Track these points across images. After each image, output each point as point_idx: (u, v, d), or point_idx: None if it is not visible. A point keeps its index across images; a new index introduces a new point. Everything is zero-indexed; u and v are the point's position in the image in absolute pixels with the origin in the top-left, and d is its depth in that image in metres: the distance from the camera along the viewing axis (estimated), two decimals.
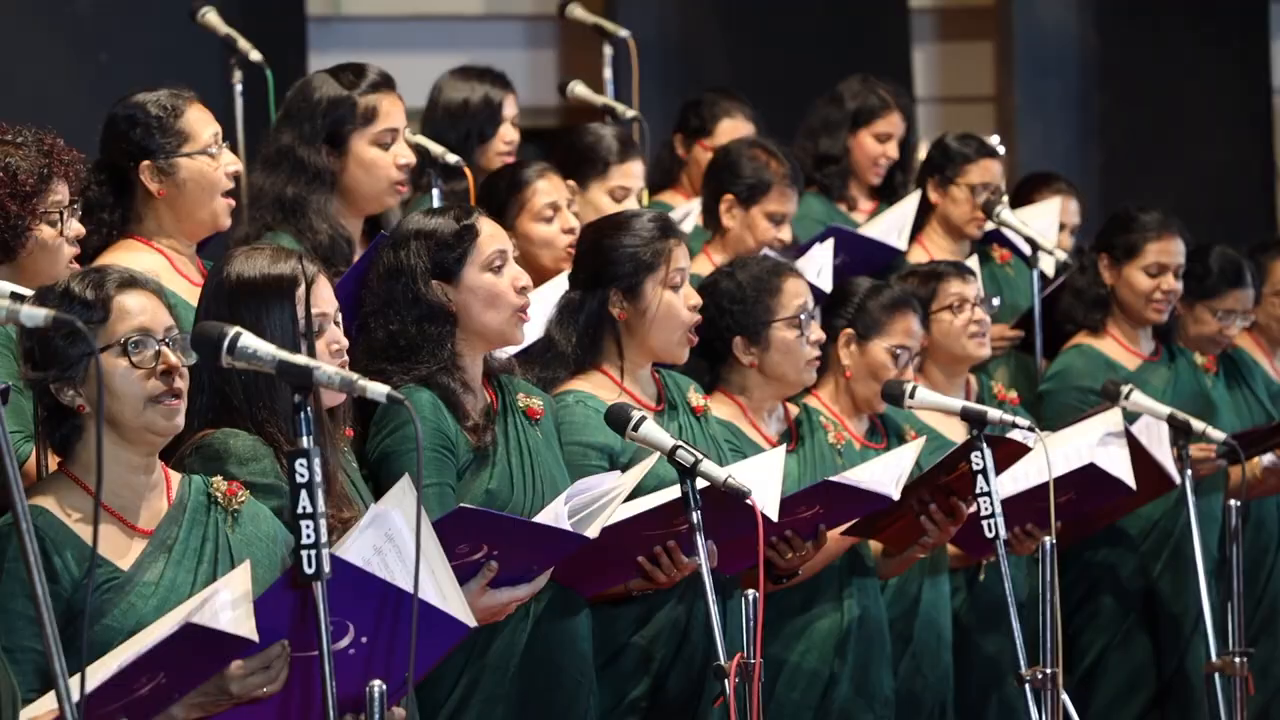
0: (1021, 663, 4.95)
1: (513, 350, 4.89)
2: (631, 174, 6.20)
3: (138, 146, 4.96)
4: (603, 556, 4.60)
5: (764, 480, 4.67)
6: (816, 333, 5.40)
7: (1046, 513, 5.14)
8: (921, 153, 7.49)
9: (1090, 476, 5.62)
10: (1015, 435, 5.32)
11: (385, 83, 5.51)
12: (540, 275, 5.61)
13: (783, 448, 4.99)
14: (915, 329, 5.68)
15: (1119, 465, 5.68)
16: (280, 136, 5.46)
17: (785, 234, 6.42)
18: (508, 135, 6.56)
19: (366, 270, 4.78)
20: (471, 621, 3.91)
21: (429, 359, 4.64)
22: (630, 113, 7.15)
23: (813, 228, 7.14)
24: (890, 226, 6.77)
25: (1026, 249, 6.71)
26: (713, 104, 7.55)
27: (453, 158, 6.00)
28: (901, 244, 6.68)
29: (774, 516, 4.64)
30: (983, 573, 5.87)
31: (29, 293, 4.14)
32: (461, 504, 4.33)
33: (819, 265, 6.07)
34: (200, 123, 5.00)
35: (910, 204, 6.88)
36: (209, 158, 4.98)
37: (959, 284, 5.99)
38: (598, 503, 4.43)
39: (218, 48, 6.91)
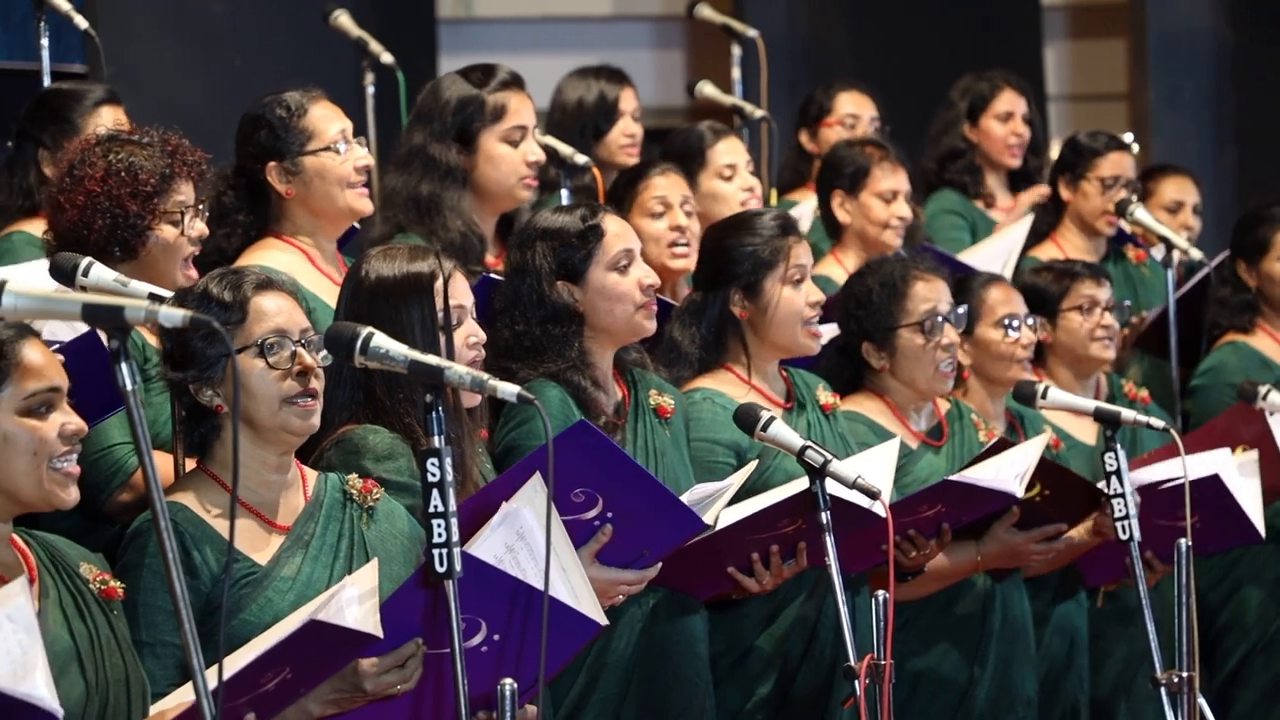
0: (1157, 666, 4.89)
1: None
2: (729, 151, 6.20)
3: (264, 148, 5.02)
4: (708, 557, 4.59)
5: (877, 471, 4.64)
6: (950, 337, 5.35)
7: (1164, 532, 5.10)
8: (1054, 152, 7.44)
9: (1215, 491, 5.51)
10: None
11: (514, 81, 5.56)
12: None
13: (896, 440, 4.97)
14: (1010, 295, 5.64)
15: (1246, 495, 5.55)
16: (412, 137, 5.52)
17: (902, 209, 6.40)
18: (628, 129, 6.58)
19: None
20: (603, 620, 3.92)
21: (557, 358, 4.66)
22: (758, 112, 7.15)
23: (949, 219, 7.11)
24: (995, 254, 6.71)
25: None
26: (826, 87, 7.55)
27: (581, 157, 6.03)
28: (1007, 272, 6.57)
29: (886, 497, 4.59)
30: (1101, 600, 5.79)
31: (167, 294, 4.20)
32: (585, 420, 4.33)
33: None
34: (324, 120, 5.05)
35: (1019, 231, 6.82)
36: (334, 154, 5.02)
37: (1092, 286, 5.93)
38: (709, 496, 4.43)
39: (350, 51, 6.97)
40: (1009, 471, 4.95)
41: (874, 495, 4.39)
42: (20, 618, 3.15)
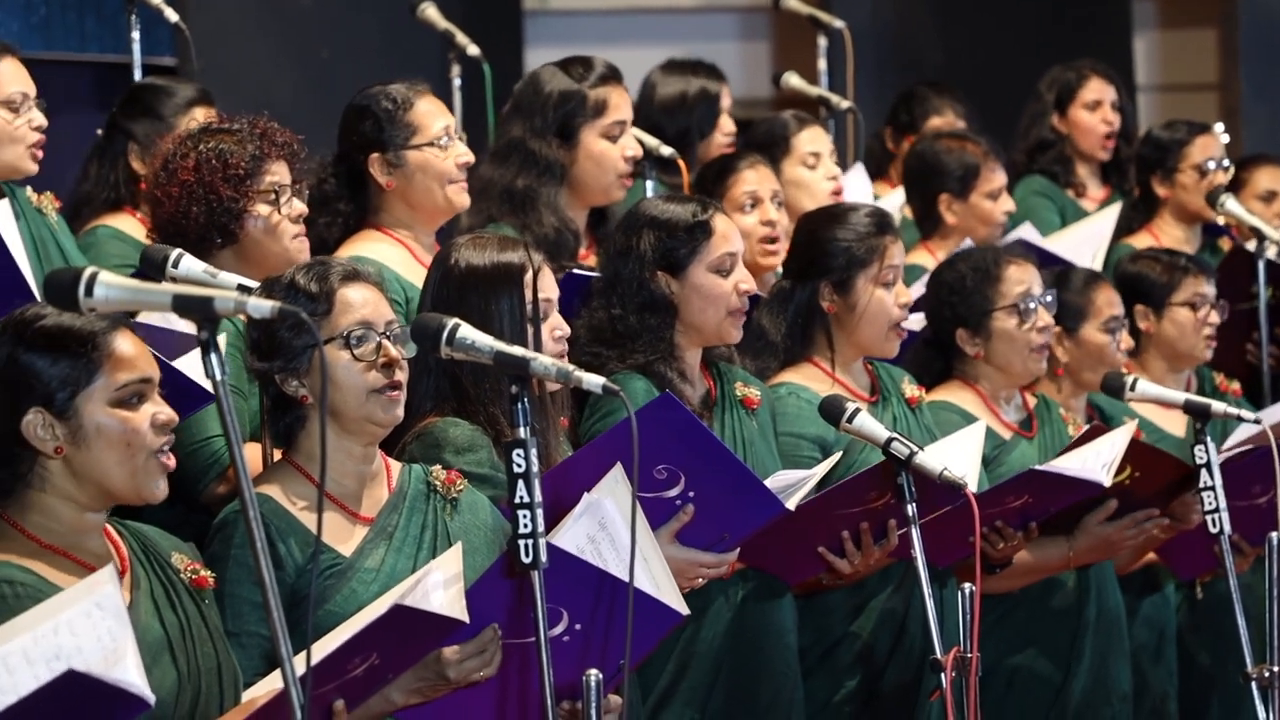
0: (1248, 660, 4.85)
1: None
2: (812, 139, 6.19)
3: (368, 139, 5.05)
4: (798, 538, 4.58)
5: (962, 456, 4.61)
6: (1044, 319, 5.32)
7: (1244, 513, 5.04)
8: None
9: None
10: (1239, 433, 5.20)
11: (613, 75, 5.56)
12: None
13: (982, 423, 4.94)
14: (1114, 297, 5.60)
15: None
16: (510, 129, 5.52)
17: (1008, 204, 6.40)
18: (726, 126, 6.58)
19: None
20: (684, 610, 3.92)
21: (646, 348, 4.66)
22: (844, 104, 7.13)
23: (1038, 202, 7.07)
24: (1081, 242, 6.66)
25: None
26: (923, 99, 7.51)
27: (667, 150, 6.03)
28: (1096, 264, 6.51)
29: (973, 485, 4.56)
30: (1200, 590, 5.73)
31: (254, 284, 4.23)
32: (669, 393, 4.32)
33: None
34: (430, 115, 5.08)
35: (1107, 221, 6.76)
36: (437, 149, 5.05)
37: (1202, 282, 5.87)
38: (793, 485, 4.42)
39: (437, 43, 7.00)
40: (1096, 461, 4.91)
41: (959, 488, 4.37)
42: (109, 605, 3.18)
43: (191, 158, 4.54)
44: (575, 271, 5.00)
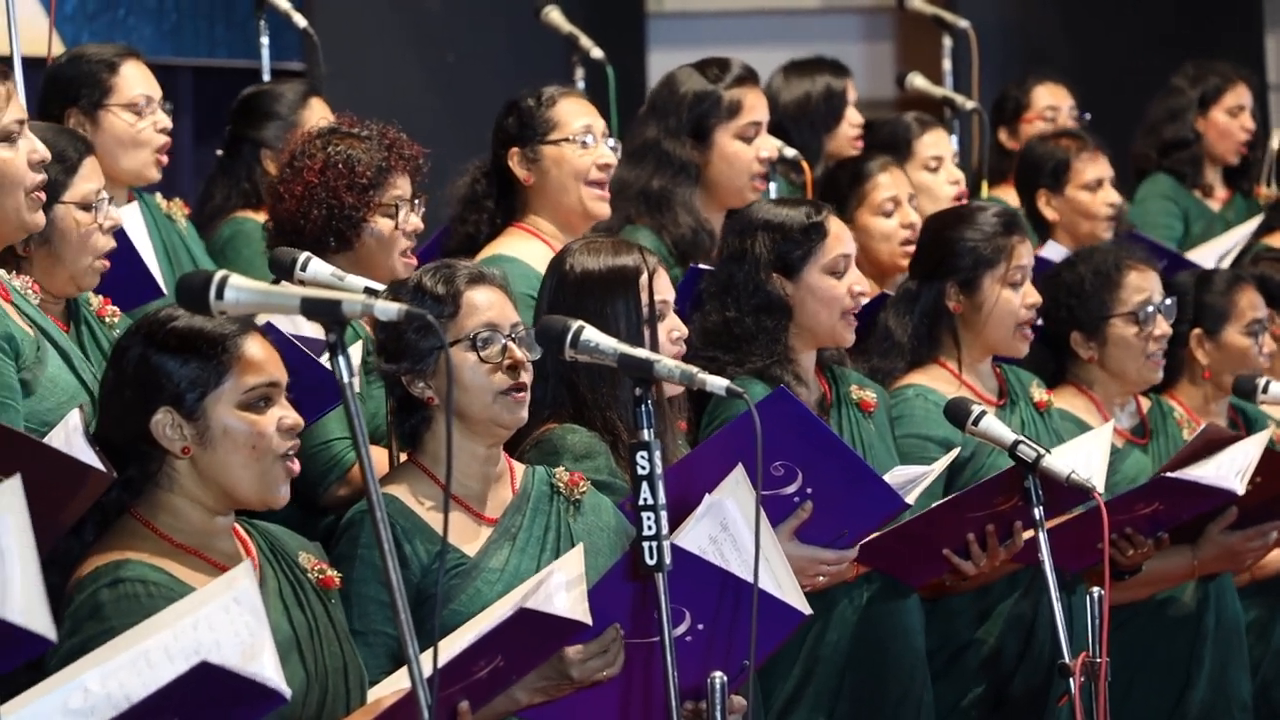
0: None
1: None
2: (935, 143, 6.18)
3: (510, 134, 5.11)
4: (922, 540, 4.55)
5: (1090, 460, 4.57)
6: (1162, 328, 5.26)
7: None
8: (1275, 142, 7.28)
9: None
10: None
11: (749, 77, 5.57)
12: (877, 269, 5.61)
13: (1111, 424, 4.89)
14: (1258, 299, 5.52)
15: None
16: (645, 131, 5.55)
17: (1110, 196, 6.32)
18: (854, 119, 6.56)
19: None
20: (807, 609, 3.91)
21: (762, 351, 4.66)
22: (970, 104, 7.09)
23: (1161, 205, 7.00)
24: (1215, 249, 6.58)
25: None
26: (1020, 82, 7.46)
27: (790, 151, 6.02)
28: (1225, 264, 6.43)
29: (1100, 488, 4.52)
30: None
31: (381, 287, 4.27)
32: (784, 387, 4.31)
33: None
34: (572, 113, 5.12)
35: (1247, 229, 6.67)
36: (575, 146, 5.08)
37: None
38: (912, 481, 4.39)
39: (561, 46, 7.03)
40: (1230, 469, 4.84)
41: (1087, 492, 4.33)
42: (246, 600, 3.22)
43: (319, 159, 4.57)
44: (700, 265, 5.01)
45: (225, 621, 3.20)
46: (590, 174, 5.09)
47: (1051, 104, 7.30)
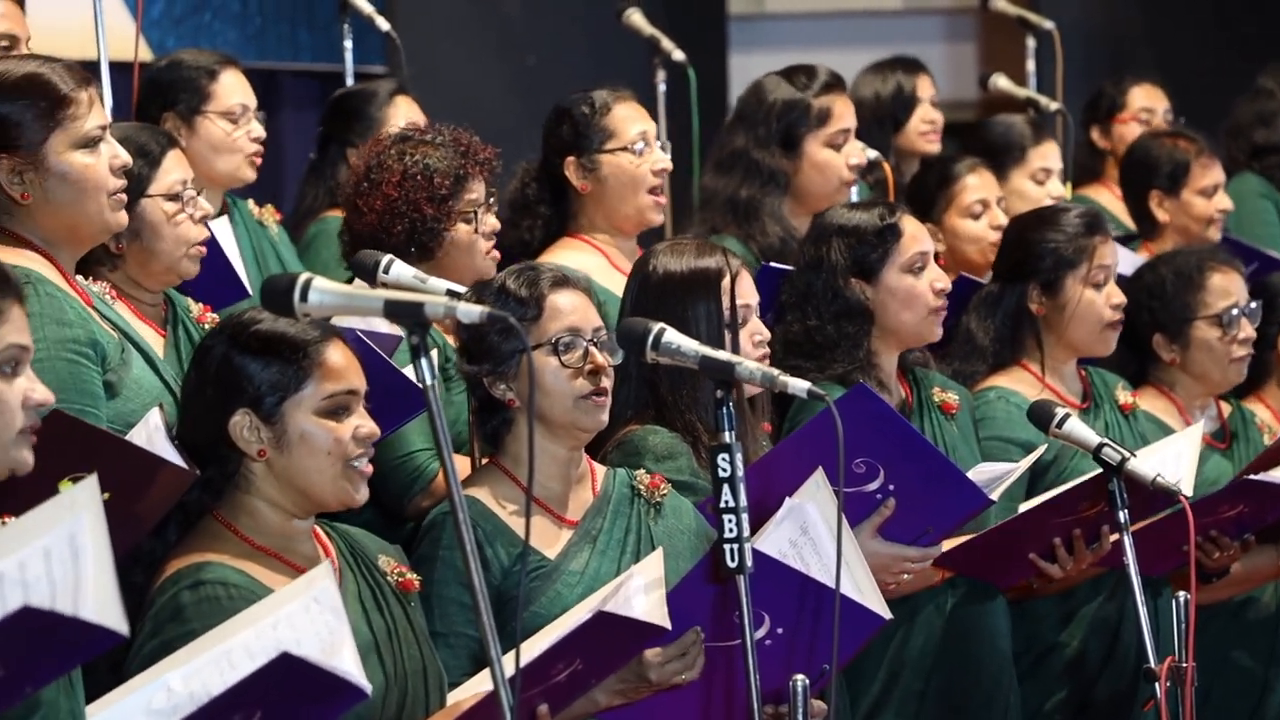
0: None
1: None
2: (1048, 155, 6.16)
3: (565, 143, 5.10)
4: (1008, 543, 4.53)
5: (1177, 462, 4.53)
6: (1246, 331, 5.21)
7: None
8: None
9: None
10: None
11: (837, 84, 5.56)
12: (967, 270, 5.58)
13: (1198, 426, 4.85)
14: None
15: None
16: (733, 139, 5.54)
17: (1223, 202, 6.29)
18: (927, 115, 6.53)
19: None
20: (887, 614, 3.89)
21: (844, 357, 4.64)
22: (1054, 105, 7.05)
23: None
24: None
25: None
26: (1116, 82, 7.40)
27: (871, 153, 6.01)
28: None
29: (1188, 492, 4.48)
30: None
31: (462, 289, 4.28)
32: (863, 383, 4.29)
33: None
34: (627, 120, 5.10)
35: None
36: (632, 155, 5.07)
37: None
38: (997, 479, 4.37)
39: (642, 48, 7.03)
40: None
41: (1174, 495, 4.30)
42: (327, 599, 3.23)
43: (396, 171, 4.55)
44: (775, 265, 5.00)
45: (306, 620, 3.21)
46: (648, 181, 5.08)
47: (1147, 105, 7.24)
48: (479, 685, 3.61)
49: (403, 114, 5.49)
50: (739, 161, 5.48)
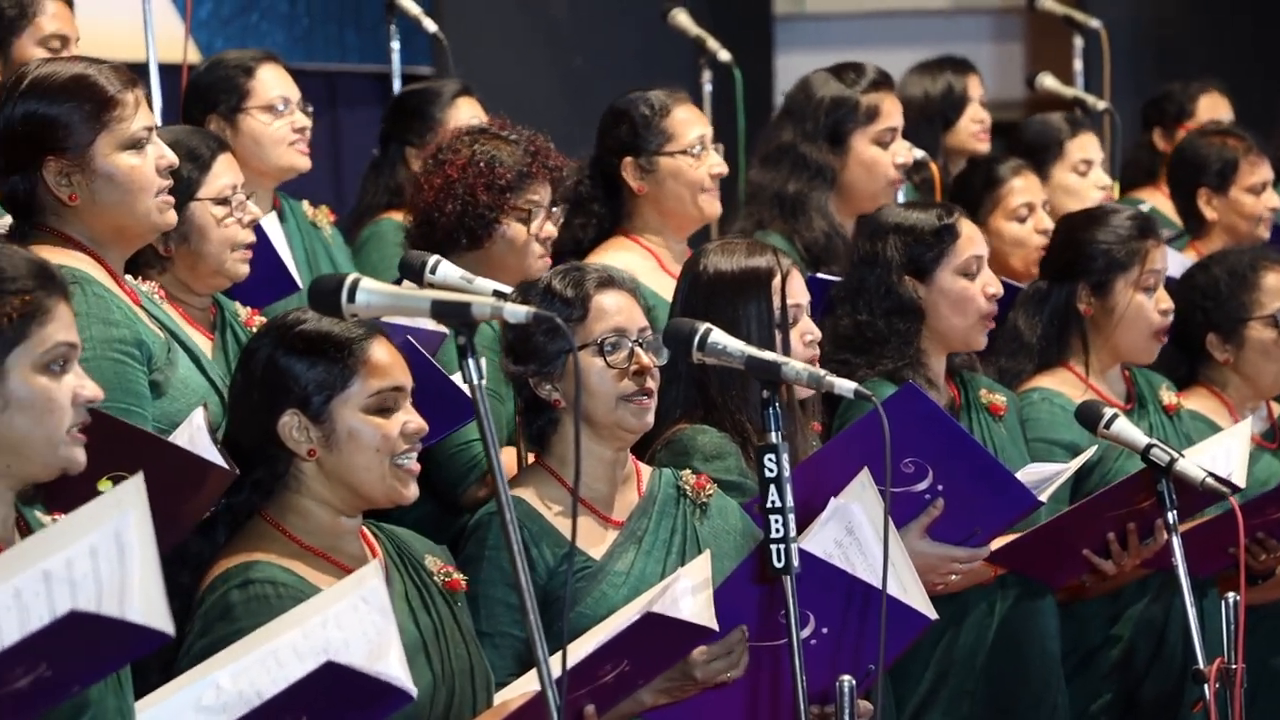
0: None
1: None
2: (1087, 146, 6.13)
3: (623, 143, 5.12)
4: (1061, 541, 4.51)
5: (1227, 460, 4.51)
6: None
7: None
8: None
9: None
10: None
11: (885, 82, 5.57)
12: (1009, 274, 5.57)
13: (1247, 422, 4.82)
14: None
15: None
16: (781, 134, 5.55)
17: (1272, 200, 6.28)
18: (976, 115, 6.53)
19: None
20: (932, 614, 3.88)
21: (894, 354, 4.64)
22: (1101, 105, 7.03)
23: None
24: None
25: None
26: (1184, 87, 7.37)
27: (918, 152, 6.00)
28: None
29: (1241, 484, 4.45)
30: None
31: (509, 289, 4.29)
32: (911, 383, 4.29)
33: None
34: (686, 123, 5.12)
35: None
36: (691, 158, 5.09)
37: None
38: (1046, 480, 4.36)
39: (688, 48, 7.03)
40: None
41: (1223, 496, 4.28)
42: (375, 599, 3.25)
43: (463, 155, 4.63)
44: (821, 275, 5.00)
45: (354, 620, 3.23)
46: (704, 184, 5.10)
47: (1214, 117, 7.20)
48: (526, 685, 3.61)
49: (465, 115, 5.51)
50: (786, 156, 5.49)
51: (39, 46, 4.93)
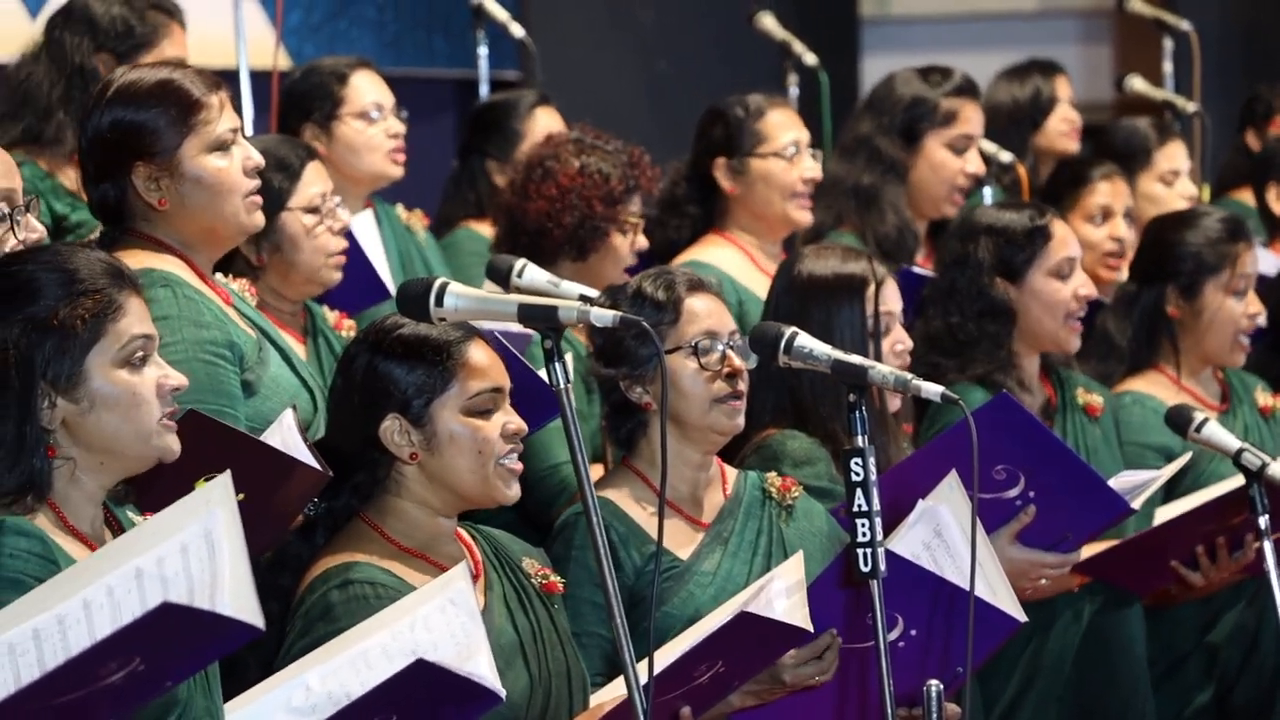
0: None
1: None
2: (1175, 156, 6.10)
3: (716, 144, 5.15)
4: (1149, 552, 4.48)
5: None
6: None
7: None
8: None
9: None
10: None
11: (969, 89, 5.57)
12: None
13: None
14: None
15: None
16: (860, 125, 5.58)
17: None
18: (1066, 115, 6.51)
19: None
20: (1022, 616, 3.87)
21: (985, 357, 4.62)
22: (1191, 107, 6.97)
23: None
24: None
25: None
26: (1271, 85, 7.30)
27: (1006, 156, 5.99)
28: None
29: None
30: None
31: (594, 293, 4.30)
32: (1006, 393, 4.27)
33: None
34: (780, 126, 5.14)
35: None
36: (782, 160, 5.10)
37: None
38: (1139, 486, 4.33)
39: (774, 52, 7.03)
40: None
41: None
42: (462, 601, 3.26)
43: (574, 165, 4.67)
44: (914, 270, 4.99)
45: (442, 622, 3.24)
46: (795, 188, 5.11)
47: None
48: (619, 689, 3.62)
49: (544, 125, 5.53)
50: (862, 147, 5.51)
51: None
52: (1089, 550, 4.45)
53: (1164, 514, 4.51)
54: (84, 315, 3.08)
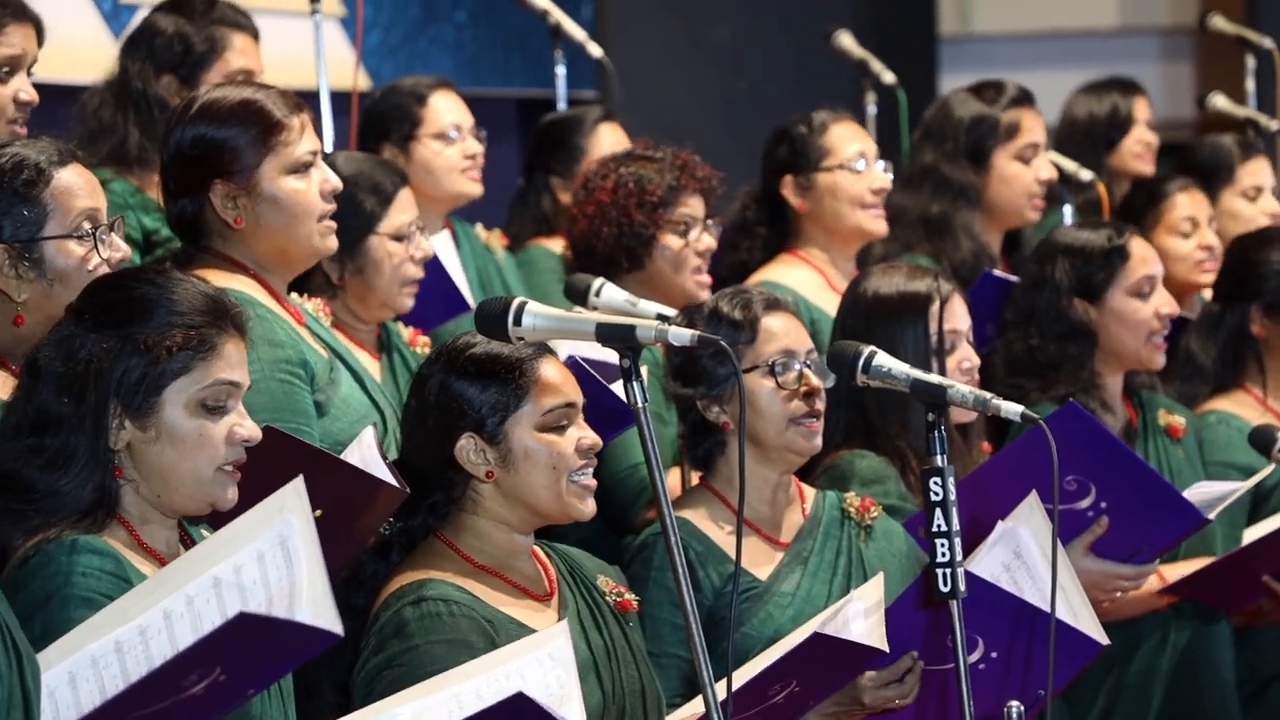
0: None
1: None
2: (1259, 172, 6.05)
3: (782, 162, 5.14)
4: (1240, 568, 4.44)
5: None
6: None
7: None
8: None
9: None
10: None
11: (1025, 98, 5.54)
12: (1171, 290, 5.49)
13: None
14: None
15: None
16: (922, 155, 5.55)
17: None
18: (1142, 136, 6.46)
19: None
20: (1104, 639, 3.83)
21: (1068, 379, 4.59)
22: (1274, 125, 6.92)
23: None
24: None
25: None
26: None
27: (1086, 174, 5.95)
28: None
29: None
30: None
31: (672, 312, 4.30)
32: (1073, 401, 4.25)
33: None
34: (845, 139, 5.12)
35: None
36: (849, 173, 5.08)
37: None
38: (1218, 497, 4.29)
39: (851, 71, 7.01)
40: None
41: None
42: (561, 657, 3.27)
43: (611, 179, 4.69)
44: (996, 274, 4.97)
45: (538, 674, 3.25)
46: (865, 199, 5.09)
47: None
48: (696, 708, 3.61)
49: (608, 141, 5.53)
50: (928, 178, 5.49)
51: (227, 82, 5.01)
52: (1178, 572, 4.41)
53: (1253, 534, 4.46)
54: (171, 346, 3.11)
